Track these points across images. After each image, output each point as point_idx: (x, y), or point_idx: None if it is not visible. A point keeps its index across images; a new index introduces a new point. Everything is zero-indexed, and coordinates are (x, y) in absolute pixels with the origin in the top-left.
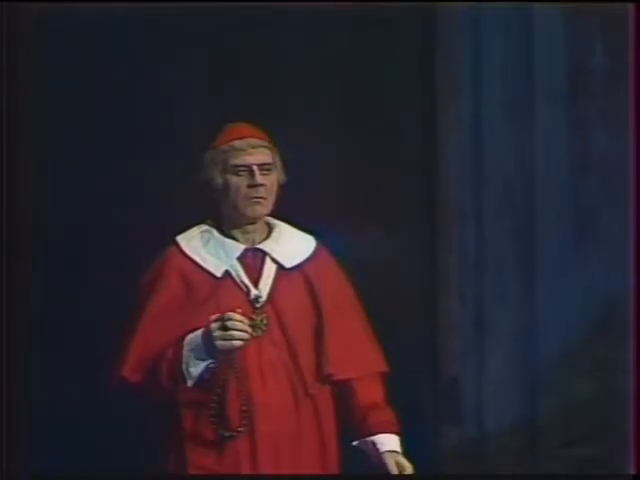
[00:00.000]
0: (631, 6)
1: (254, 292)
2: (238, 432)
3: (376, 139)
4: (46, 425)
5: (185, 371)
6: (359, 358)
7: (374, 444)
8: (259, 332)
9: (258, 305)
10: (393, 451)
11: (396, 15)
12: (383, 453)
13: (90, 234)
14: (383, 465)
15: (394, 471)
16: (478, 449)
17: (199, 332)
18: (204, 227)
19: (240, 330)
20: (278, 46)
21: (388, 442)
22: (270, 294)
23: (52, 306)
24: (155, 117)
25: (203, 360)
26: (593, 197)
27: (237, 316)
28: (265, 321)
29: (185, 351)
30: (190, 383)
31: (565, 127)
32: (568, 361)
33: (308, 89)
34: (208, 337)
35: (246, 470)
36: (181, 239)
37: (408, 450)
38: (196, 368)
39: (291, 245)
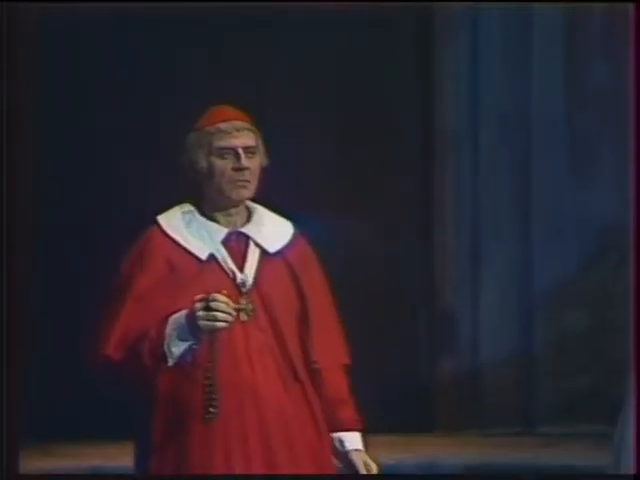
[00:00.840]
0: (631, 6)
1: (240, 277)
2: (210, 414)
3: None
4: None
5: (167, 350)
6: (334, 348)
7: (341, 442)
8: (245, 317)
9: (244, 290)
10: (360, 450)
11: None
12: (350, 452)
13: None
14: (350, 463)
15: (362, 470)
16: (474, 381)
17: (183, 312)
18: (185, 208)
19: (224, 312)
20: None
21: (355, 440)
22: (255, 279)
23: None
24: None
25: (186, 340)
26: (590, 130)
27: (222, 297)
28: (251, 306)
29: (168, 330)
30: (171, 362)
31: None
32: (564, 292)
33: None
34: (192, 317)
35: (237, 458)
36: (162, 219)
37: (406, 384)
38: (178, 347)
39: (272, 229)
